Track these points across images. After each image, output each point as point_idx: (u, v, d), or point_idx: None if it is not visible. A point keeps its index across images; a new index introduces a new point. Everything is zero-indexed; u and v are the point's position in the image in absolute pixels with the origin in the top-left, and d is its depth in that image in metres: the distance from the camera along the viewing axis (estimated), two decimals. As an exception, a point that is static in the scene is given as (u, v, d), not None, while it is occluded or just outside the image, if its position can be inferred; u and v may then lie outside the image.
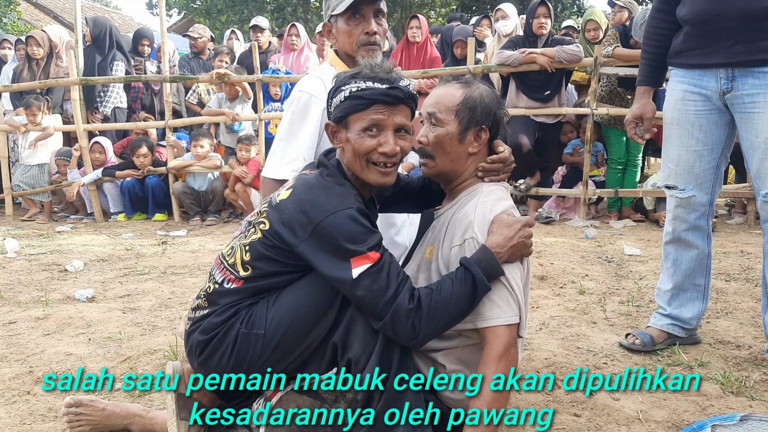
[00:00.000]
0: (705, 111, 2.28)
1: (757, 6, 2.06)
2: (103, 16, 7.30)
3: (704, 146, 2.31)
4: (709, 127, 2.29)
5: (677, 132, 2.34)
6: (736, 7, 2.09)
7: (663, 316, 2.48)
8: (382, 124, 1.59)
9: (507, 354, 1.57)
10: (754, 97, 2.14)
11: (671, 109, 2.35)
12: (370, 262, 1.50)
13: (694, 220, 2.37)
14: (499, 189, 1.76)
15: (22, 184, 6.52)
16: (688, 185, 2.34)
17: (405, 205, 2.00)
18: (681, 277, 2.44)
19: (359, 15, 2.11)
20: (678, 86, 2.33)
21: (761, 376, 2.16)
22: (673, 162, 2.37)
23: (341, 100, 1.61)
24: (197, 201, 6.21)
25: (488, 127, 1.74)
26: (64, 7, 19.22)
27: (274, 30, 8.84)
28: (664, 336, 2.44)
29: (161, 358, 2.43)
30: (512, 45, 5.46)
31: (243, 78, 6.08)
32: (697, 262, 2.42)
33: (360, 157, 1.61)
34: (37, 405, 2.05)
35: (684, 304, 2.45)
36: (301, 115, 2.11)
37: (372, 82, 1.58)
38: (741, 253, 4.05)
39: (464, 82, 1.78)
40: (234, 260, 1.62)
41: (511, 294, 1.61)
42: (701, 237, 2.40)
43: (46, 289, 3.58)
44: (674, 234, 2.42)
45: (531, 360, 2.35)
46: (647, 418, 1.90)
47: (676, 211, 2.39)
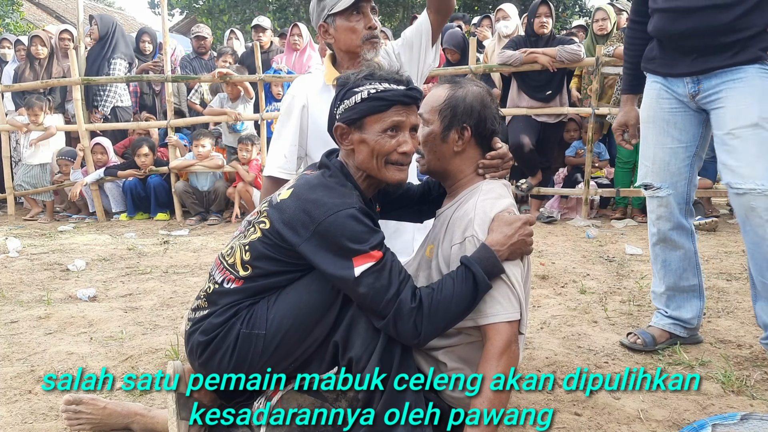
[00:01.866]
0: (679, 109, 2.33)
1: (713, 24, 2.14)
2: (109, 15, 7.32)
3: (679, 144, 2.34)
4: (684, 124, 2.33)
5: (653, 130, 2.38)
6: (695, 25, 2.16)
7: (664, 317, 2.48)
8: (401, 125, 1.61)
9: (508, 350, 1.57)
10: (718, 94, 2.20)
11: (647, 108, 2.40)
12: (373, 261, 1.50)
13: (677, 218, 2.40)
14: (499, 187, 1.77)
15: (24, 184, 6.54)
16: (663, 183, 2.37)
17: (406, 211, 1.99)
18: (673, 279, 2.45)
19: (359, 11, 2.15)
20: (653, 86, 2.38)
21: (762, 375, 2.16)
22: (650, 160, 2.40)
23: (356, 101, 1.59)
24: (200, 201, 6.22)
25: (471, 126, 1.74)
26: (66, 7, 19.25)
27: (276, 30, 8.84)
28: (666, 336, 2.45)
29: (162, 357, 2.44)
30: (514, 45, 5.46)
31: (245, 78, 6.09)
32: (686, 261, 2.44)
33: (379, 157, 1.61)
34: (39, 404, 2.05)
35: (682, 305, 2.45)
36: (287, 115, 2.27)
37: (389, 83, 1.59)
38: (742, 253, 4.04)
39: (455, 82, 1.80)
40: (234, 260, 1.62)
41: (511, 291, 1.61)
42: (686, 236, 2.42)
43: (48, 288, 3.59)
44: (660, 234, 2.44)
45: (532, 359, 2.35)
46: (648, 417, 1.90)
47: (658, 210, 2.41)
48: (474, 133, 1.76)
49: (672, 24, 2.22)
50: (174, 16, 18.84)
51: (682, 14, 2.18)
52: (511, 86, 5.61)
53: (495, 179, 1.79)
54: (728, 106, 2.16)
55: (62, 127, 6.65)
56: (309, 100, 2.25)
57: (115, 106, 6.61)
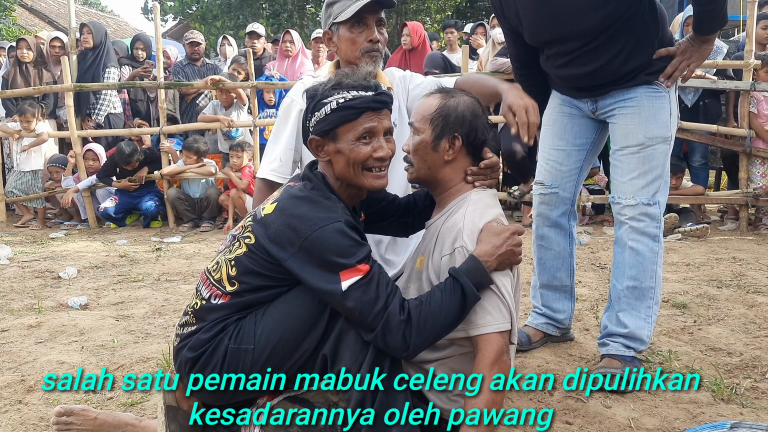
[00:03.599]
0: (578, 116, 2.44)
1: (600, 71, 2.23)
2: (98, 22, 7.30)
3: (573, 146, 2.45)
4: (580, 129, 2.44)
5: (551, 132, 2.48)
6: (582, 72, 2.26)
7: (539, 315, 2.59)
8: (373, 130, 1.61)
9: (499, 361, 1.58)
10: (612, 112, 2.32)
11: (549, 112, 2.50)
12: (360, 275, 1.50)
13: (556, 217, 2.49)
14: (488, 197, 1.78)
15: (15, 191, 6.51)
16: (554, 182, 2.47)
17: (391, 224, 1.98)
18: (547, 277, 2.55)
19: (362, 23, 2.13)
20: (556, 96, 2.49)
21: (752, 384, 2.17)
22: (544, 159, 2.50)
23: (326, 113, 1.60)
24: (192, 207, 6.20)
25: (462, 135, 1.76)
26: (59, 13, 19.20)
27: (269, 36, 8.85)
28: (540, 335, 2.57)
29: (154, 366, 2.43)
30: (506, 52, 5.48)
31: (237, 84, 6.10)
32: (560, 261, 2.52)
33: (356, 165, 1.62)
34: (29, 414, 2.04)
35: (553, 303, 2.56)
36: (284, 118, 2.25)
37: (357, 90, 1.59)
38: (733, 260, 4.07)
39: (446, 92, 1.81)
40: (220, 275, 1.62)
41: (501, 301, 1.62)
42: (563, 235, 2.51)
43: (39, 296, 3.57)
44: (538, 231, 2.53)
45: (524, 367, 2.36)
46: (639, 426, 1.91)
47: (539, 208, 2.51)
48: (465, 143, 1.77)
49: (560, 70, 2.33)
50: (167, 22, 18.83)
51: (567, 66, 2.29)
52: (504, 93, 5.62)
53: (483, 189, 1.80)
54: (619, 124, 2.29)
55: (54, 134, 6.63)
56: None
57: (109, 113, 6.60)
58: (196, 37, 6.94)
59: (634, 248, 2.23)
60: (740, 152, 5.22)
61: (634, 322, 2.24)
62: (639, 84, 2.23)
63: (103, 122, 6.59)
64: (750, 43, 5.03)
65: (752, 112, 5.13)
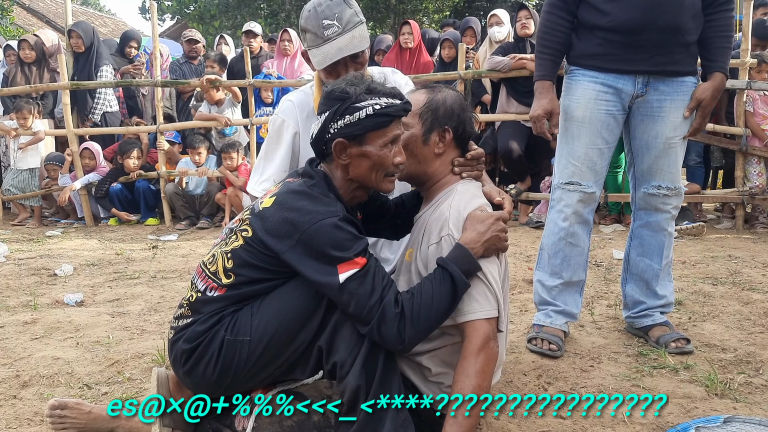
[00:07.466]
0: (616, 111, 2.39)
1: (680, 19, 2.22)
2: (85, 22, 7.21)
3: (606, 144, 2.43)
4: (615, 126, 2.41)
5: (587, 131, 2.40)
6: (662, 19, 2.22)
7: (558, 314, 2.52)
8: (398, 138, 1.66)
9: (486, 347, 1.59)
10: (661, 103, 2.33)
11: (583, 108, 2.39)
12: (357, 267, 1.51)
13: (587, 214, 2.50)
14: (473, 187, 1.81)
15: (12, 189, 6.51)
16: (589, 182, 2.44)
17: (383, 226, 1.99)
18: (569, 273, 2.52)
19: (335, 72, 2.05)
20: (591, 86, 2.38)
21: (745, 379, 2.18)
22: (579, 160, 2.43)
23: (360, 117, 1.58)
24: (190, 204, 6.20)
25: (452, 127, 1.78)
26: (57, 12, 19.17)
27: (267, 35, 8.85)
28: (562, 334, 2.52)
29: (149, 362, 2.43)
30: (503, 51, 5.50)
31: (234, 83, 6.10)
32: (583, 258, 2.55)
33: (381, 170, 1.64)
34: (24, 409, 2.04)
35: (570, 299, 2.55)
36: (276, 138, 2.22)
37: (388, 98, 1.61)
38: (729, 257, 4.08)
39: (430, 87, 1.84)
40: (216, 268, 1.62)
41: (488, 288, 1.63)
42: (587, 231, 2.55)
43: (34, 293, 3.57)
44: (570, 229, 2.48)
45: (518, 363, 2.36)
46: (632, 420, 1.91)
47: (576, 206, 2.46)
48: (454, 135, 1.79)
49: (638, 14, 2.23)
50: (165, 22, 18.81)
51: (641, 6, 2.22)
52: (500, 92, 5.64)
53: (470, 180, 1.83)
54: (669, 118, 2.35)
55: (51, 132, 6.63)
56: (301, 127, 2.20)
57: (104, 111, 6.59)
58: (193, 35, 6.94)
59: (671, 233, 2.52)
60: (736, 151, 5.24)
61: (668, 289, 2.58)
62: (690, 72, 2.33)
63: (100, 121, 6.58)
64: (746, 41, 5.04)
65: (748, 111, 5.14)
